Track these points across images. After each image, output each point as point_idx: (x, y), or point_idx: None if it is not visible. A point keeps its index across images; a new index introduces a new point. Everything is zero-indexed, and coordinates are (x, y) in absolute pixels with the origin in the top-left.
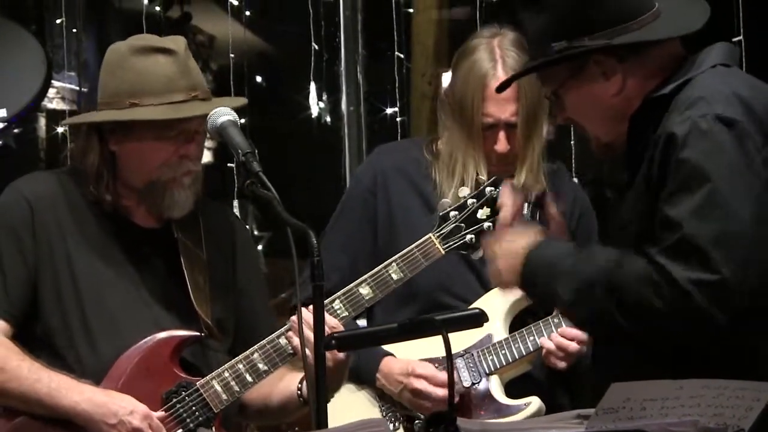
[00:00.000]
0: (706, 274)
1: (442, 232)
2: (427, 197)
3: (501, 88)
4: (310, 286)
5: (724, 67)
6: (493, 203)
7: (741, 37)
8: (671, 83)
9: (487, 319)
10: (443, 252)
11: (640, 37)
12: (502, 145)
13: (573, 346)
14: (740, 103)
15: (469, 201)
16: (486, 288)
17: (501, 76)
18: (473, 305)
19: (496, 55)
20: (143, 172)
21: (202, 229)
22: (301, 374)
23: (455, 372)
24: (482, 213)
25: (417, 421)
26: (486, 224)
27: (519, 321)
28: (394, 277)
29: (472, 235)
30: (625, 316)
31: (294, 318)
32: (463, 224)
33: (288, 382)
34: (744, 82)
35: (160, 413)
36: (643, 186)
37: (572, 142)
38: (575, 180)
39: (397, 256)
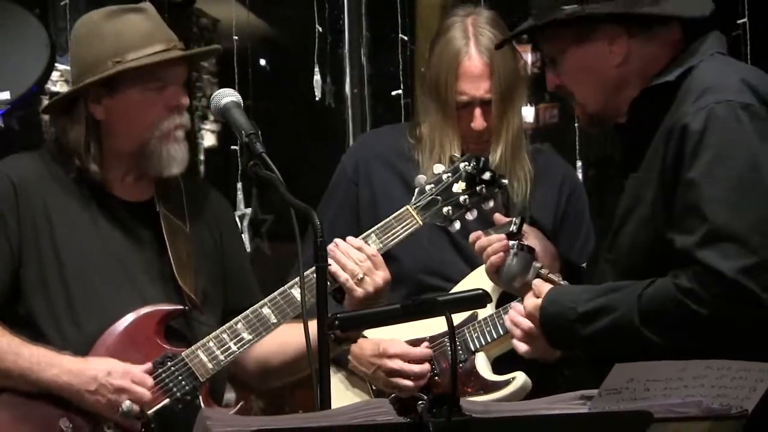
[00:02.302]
0: (750, 259)
1: (418, 204)
2: (409, 181)
3: (499, 46)
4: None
5: (721, 55)
6: (467, 178)
7: (745, 20)
8: (674, 70)
9: (490, 300)
10: (421, 222)
11: (655, 10)
12: (478, 122)
13: (526, 323)
14: (749, 89)
15: (444, 176)
16: (471, 267)
17: (474, 53)
18: (459, 284)
19: (469, 33)
20: (134, 133)
21: (185, 202)
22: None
23: (441, 351)
24: (457, 187)
25: (420, 402)
26: (462, 198)
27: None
28: (373, 247)
29: (449, 208)
30: (658, 333)
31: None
32: (439, 197)
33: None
34: (745, 69)
35: (145, 366)
36: (652, 176)
37: (576, 126)
38: (577, 163)
39: (375, 227)
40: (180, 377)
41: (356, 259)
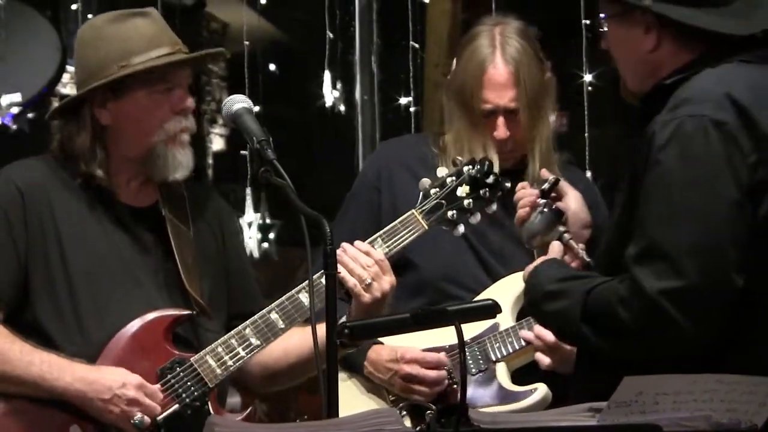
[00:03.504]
0: (675, 281)
1: (424, 208)
2: None
3: None
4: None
5: (744, 63)
6: (471, 181)
7: None
8: (678, 74)
9: (500, 311)
10: (426, 227)
11: (685, 19)
12: (501, 131)
13: (549, 336)
14: (732, 106)
15: (448, 180)
16: (493, 279)
17: (499, 62)
18: (481, 295)
19: (495, 42)
20: (140, 137)
21: (188, 206)
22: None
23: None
24: (462, 191)
25: (428, 412)
26: (466, 202)
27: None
28: (380, 251)
29: (453, 212)
30: (594, 333)
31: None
32: (444, 201)
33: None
34: (747, 83)
35: (156, 386)
36: (628, 181)
37: (586, 135)
38: (587, 173)
39: (381, 231)
40: (189, 383)
41: (364, 264)
